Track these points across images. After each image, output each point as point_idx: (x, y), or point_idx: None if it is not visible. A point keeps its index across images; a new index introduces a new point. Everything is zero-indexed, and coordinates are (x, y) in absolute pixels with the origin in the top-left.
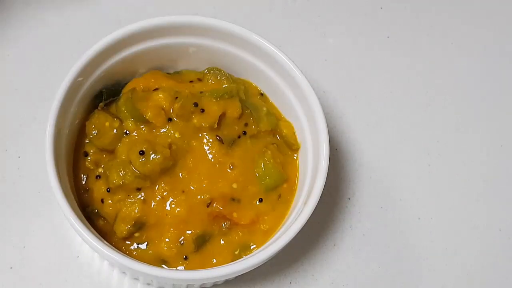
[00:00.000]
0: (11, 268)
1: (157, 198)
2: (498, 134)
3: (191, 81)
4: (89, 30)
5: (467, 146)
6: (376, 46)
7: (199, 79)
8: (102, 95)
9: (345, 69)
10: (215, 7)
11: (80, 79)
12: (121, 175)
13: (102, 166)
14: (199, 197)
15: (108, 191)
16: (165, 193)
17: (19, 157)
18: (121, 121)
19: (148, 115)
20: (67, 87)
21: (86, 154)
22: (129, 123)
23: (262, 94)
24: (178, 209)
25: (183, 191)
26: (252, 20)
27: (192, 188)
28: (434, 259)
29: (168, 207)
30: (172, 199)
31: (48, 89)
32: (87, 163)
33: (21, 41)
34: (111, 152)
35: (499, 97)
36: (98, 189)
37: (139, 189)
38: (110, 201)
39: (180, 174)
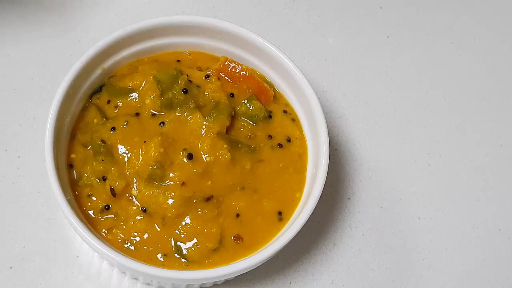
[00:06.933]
0: (11, 268)
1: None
2: (498, 134)
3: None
4: (89, 30)
5: (467, 146)
6: (376, 46)
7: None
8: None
9: (345, 69)
10: (215, 7)
11: (79, 79)
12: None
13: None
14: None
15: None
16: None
17: (19, 157)
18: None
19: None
20: (66, 87)
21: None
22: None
23: None
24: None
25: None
26: (252, 20)
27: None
28: (434, 259)
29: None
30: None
31: (48, 89)
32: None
33: (21, 41)
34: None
35: (499, 97)
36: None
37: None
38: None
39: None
